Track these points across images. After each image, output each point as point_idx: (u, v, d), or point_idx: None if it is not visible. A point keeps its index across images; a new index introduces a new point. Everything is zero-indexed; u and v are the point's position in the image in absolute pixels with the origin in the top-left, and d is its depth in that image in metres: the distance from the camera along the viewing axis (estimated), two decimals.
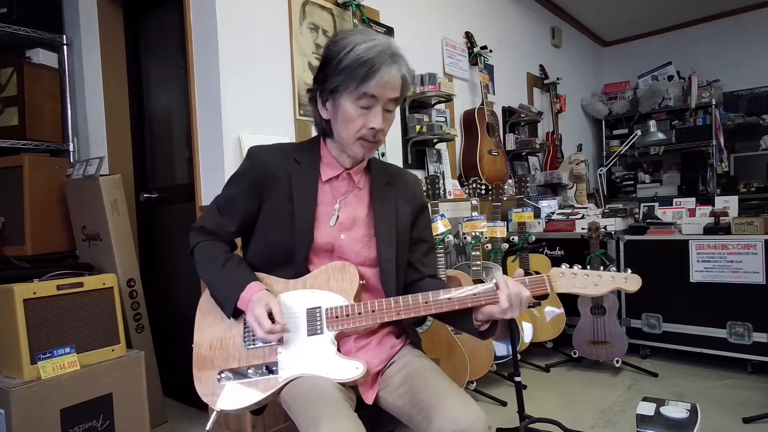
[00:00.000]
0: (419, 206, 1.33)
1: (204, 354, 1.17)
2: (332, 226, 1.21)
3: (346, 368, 1.09)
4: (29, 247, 2.15)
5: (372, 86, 1.09)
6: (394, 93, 1.14)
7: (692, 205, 3.17)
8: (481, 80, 3.49)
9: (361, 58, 1.08)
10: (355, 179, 1.26)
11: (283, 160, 1.22)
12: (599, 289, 1.08)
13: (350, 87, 1.11)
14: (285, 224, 1.18)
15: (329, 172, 1.24)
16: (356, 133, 1.14)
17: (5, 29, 2.35)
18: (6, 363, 1.73)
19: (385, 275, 1.21)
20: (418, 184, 1.38)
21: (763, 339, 2.60)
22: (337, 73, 1.11)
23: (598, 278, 1.08)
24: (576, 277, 1.09)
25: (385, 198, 1.26)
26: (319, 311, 1.14)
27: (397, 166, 1.43)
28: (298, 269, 1.19)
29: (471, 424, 0.99)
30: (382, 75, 1.09)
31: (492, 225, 2.83)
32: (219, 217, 1.24)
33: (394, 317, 1.11)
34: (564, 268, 1.10)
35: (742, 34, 5.08)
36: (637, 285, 1.07)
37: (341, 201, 1.23)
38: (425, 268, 1.32)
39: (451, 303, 1.09)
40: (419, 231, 1.32)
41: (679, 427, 1.53)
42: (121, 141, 2.66)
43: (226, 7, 2.06)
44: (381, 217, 1.24)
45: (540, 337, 2.97)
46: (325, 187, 1.23)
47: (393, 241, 1.23)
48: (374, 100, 1.12)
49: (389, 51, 1.11)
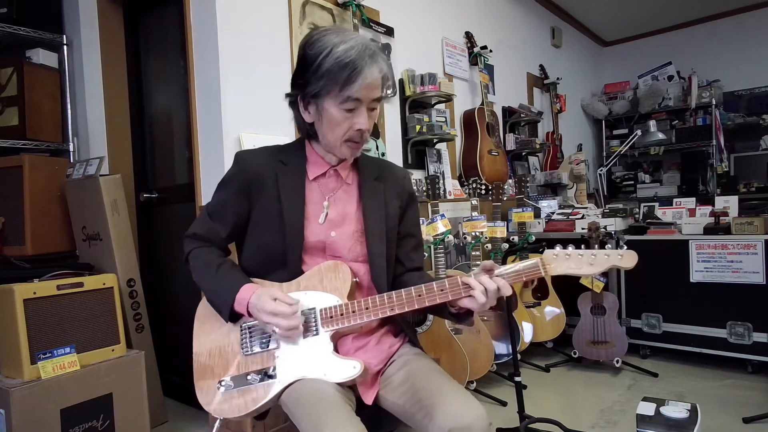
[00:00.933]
0: (407, 200, 1.33)
1: (204, 363, 1.18)
2: (321, 224, 1.21)
3: (343, 368, 1.09)
4: (29, 247, 2.15)
5: (355, 89, 1.09)
6: (377, 93, 1.14)
7: (692, 205, 3.17)
8: (481, 80, 3.49)
9: (341, 61, 1.07)
10: (343, 175, 1.25)
11: (269, 162, 1.22)
12: (595, 268, 1.06)
13: (333, 91, 1.10)
14: (275, 225, 1.18)
15: (316, 170, 1.24)
16: (343, 136, 1.15)
17: (5, 29, 2.35)
18: (6, 363, 1.73)
19: (376, 270, 1.21)
20: (408, 178, 1.37)
21: (763, 339, 2.60)
22: (318, 77, 1.10)
23: (593, 257, 1.06)
24: (570, 257, 1.07)
25: (374, 192, 1.26)
26: (314, 312, 1.13)
27: (386, 160, 1.43)
28: (292, 270, 1.19)
29: (472, 421, 0.99)
30: (364, 77, 1.08)
31: (492, 225, 2.83)
32: (211, 223, 1.24)
33: (388, 312, 1.11)
34: (558, 249, 1.08)
35: (742, 34, 5.08)
36: (633, 261, 1.05)
37: (330, 198, 1.23)
38: (411, 263, 1.32)
39: (444, 294, 1.08)
40: (407, 226, 1.32)
41: (679, 427, 1.53)
42: (121, 141, 2.66)
43: (226, 7, 2.06)
44: (370, 212, 1.24)
45: (540, 337, 2.97)
46: (312, 186, 1.23)
47: (383, 236, 1.23)
48: (358, 102, 1.12)
49: (368, 51, 1.09)
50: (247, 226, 1.23)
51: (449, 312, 1.16)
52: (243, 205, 1.21)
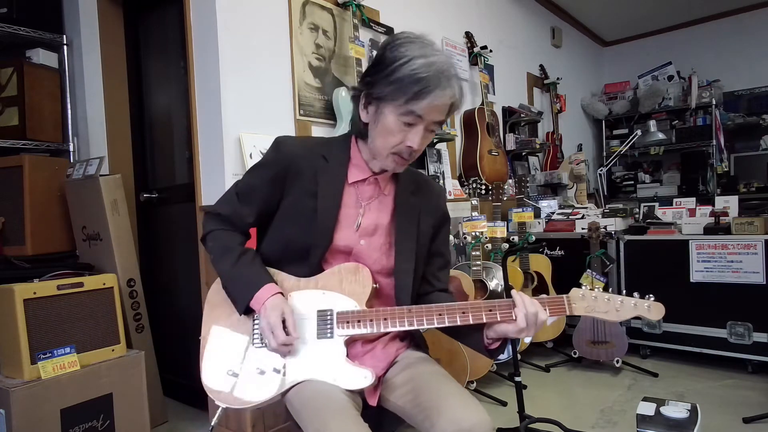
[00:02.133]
0: (441, 220, 1.29)
1: (212, 347, 1.15)
2: (355, 231, 1.18)
3: (354, 377, 1.08)
4: (29, 247, 2.16)
5: (421, 107, 1.05)
6: (440, 116, 1.10)
7: (692, 205, 3.16)
8: (481, 80, 3.49)
9: (416, 75, 1.03)
10: (382, 185, 1.21)
11: (310, 154, 1.17)
12: (620, 315, 1.04)
13: (398, 101, 1.06)
14: (305, 221, 1.15)
15: (357, 174, 1.19)
16: (392, 147, 1.11)
17: (5, 29, 2.35)
18: (6, 363, 1.73)
19: (400, 287, 1.18)
20: (443, 196, 1.34)
21: (763, 339, 2.60)
22: (388, 83, 1.06)
23: (620, 303, 1.04)
24: (596, 300, 1.05)
25: (409, 208, 1.23)
26: (330, 314, 1.11)
27: (424, 174, 1.39)
28: (312, 268, 1.16)
29: (473, 426, 0.97)
30: (433, 98, 1.04)
31: (492, 225, 2.83)
32: (238, 204, 1.19)
33: (406, 326, 1.09)
34: (584, 290, 1.05)
35: (742, 34, 5.08)
36: (660, 314, 1.04)
37: (366, 206, 1.20)
38: (438, 283, 1.29)
39: (466, 317, 1.06)
40: (438, 245, 1.29)
41: (679, 427, 1.53)
42: (121, 141, 2.66)
43: (226, 7, 2.06)
44: (402, 227, 1.20)
45: (540, 337, 2.97)
46: (350, 190, 1.19)
47: (412, 254, 1.20)
48: (419, 119, 1.08)
49: (446, 73, 1.06)
50: (274, 215, 1.19)
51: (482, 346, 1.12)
52: (275, 193, 1.17)
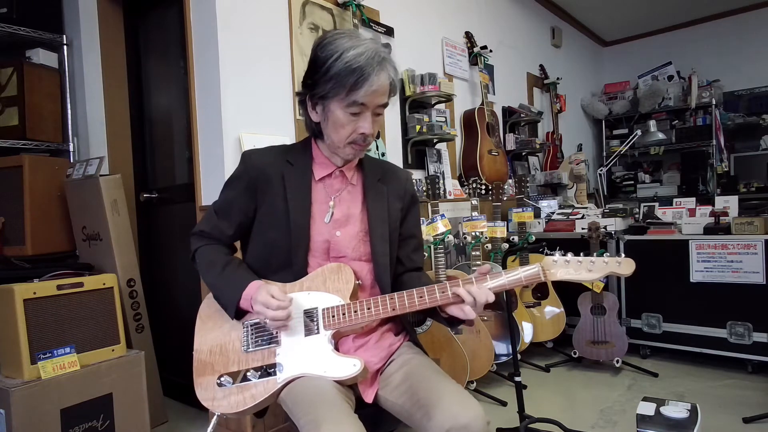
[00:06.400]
0: (409, 202, 1.36)
1: (204, 360, 1.18)
2: (327, 223, 1.23)
3: (343, 366, 1.10)
4: (29, 247, 2.15)
5: (361, 95, 1.11)
6: (383, 99, 1.17)
7: (692, 205, 3.16)
8: (481, 80, 3.49)
9: (350, 66, 1.09)
10: (348, 176, 1.28)
11: (276, 161, 1.24)
12: (593, 275, 1.09)
13: (340, 94, 1.12)
14: (281, 224, 1.20)
15: (322, 170, 1.26)
16: (347, 138, 1.18)
17: (5, 29, 2.35)
18: (6, 363, 1.73)
19: (379, 269, 1.24)
20: (410, 180, 1.40)
21: (763, 339, 2.60)
22: (326, 80, 1.12)
23: (592, 264, 1.09)
24: (569, 263, 1.10)
25: (378, 194, 1.29)
26: (316, 312, 1.15)
27: (389, 163, 1.46)
28: (297, 270, 1.20)
29: (470, 421, 1.00)
30: (371, 83, 1.10)
31: (492, 225, 2.83)
32: (217, 220, 1.27)
33: (389, 313, 1.13)
34: (557, 255, 1.10)
35: (742, 34, 5.08)
36: (631, 268, 1.08)
37: (335, 198, 1.26)
38: (412, 264, 1.35)
39: (446, 296, 1.11)
40: (408, 227, 1.35)
41: (679, 427, 1.53)
42: (121, 141, 2.66)
43: (226, 7, 2.06)
44: (374, 213, 1.26)
45: (540, 337, 2.97)
46: (318, 186, 1.26)
47: (386, 237, 1.26)
48: (364, 107, 1.14)
49: (377, 57, 1.12)
50: (252, 225, 1.26)
51: (441, 317, 1.18)
52: (249, 203, 1.24)
